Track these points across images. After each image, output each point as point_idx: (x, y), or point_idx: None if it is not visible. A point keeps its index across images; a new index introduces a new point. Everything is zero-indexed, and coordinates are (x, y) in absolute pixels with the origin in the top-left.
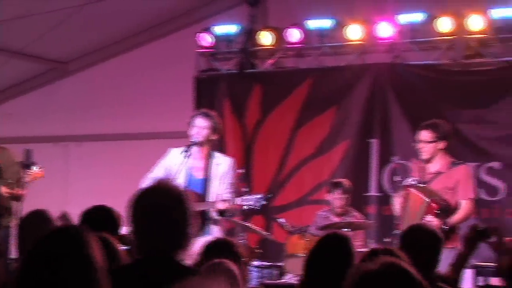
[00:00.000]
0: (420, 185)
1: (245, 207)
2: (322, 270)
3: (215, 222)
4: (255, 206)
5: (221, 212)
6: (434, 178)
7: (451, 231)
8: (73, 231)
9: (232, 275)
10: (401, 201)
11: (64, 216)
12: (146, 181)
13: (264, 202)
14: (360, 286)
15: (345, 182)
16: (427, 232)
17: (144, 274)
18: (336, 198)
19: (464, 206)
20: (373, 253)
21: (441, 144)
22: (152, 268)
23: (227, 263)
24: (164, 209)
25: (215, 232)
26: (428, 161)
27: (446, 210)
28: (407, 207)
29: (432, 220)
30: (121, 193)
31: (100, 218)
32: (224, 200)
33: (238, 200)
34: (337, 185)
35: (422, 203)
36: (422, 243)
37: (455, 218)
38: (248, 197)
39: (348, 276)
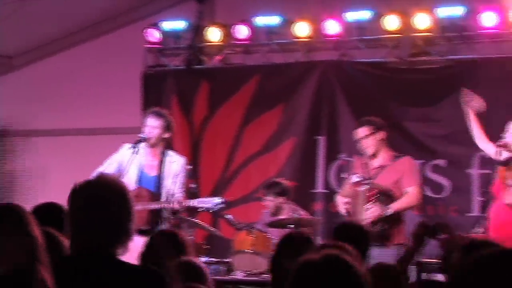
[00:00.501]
0: (366, 181)
1: (200, 210)
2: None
3: (167, 220)
4: (211, 209)
5: (174, 212)
6: (378, 173)
7: (397, 221)
8: (10, 207)
9: (201, 272)
10: (349, 200)
11: None
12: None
13: (222, 206)
14: (303, 276)
15: (283, 183)
16: (355, 228)
17: (81, 269)
18: (269, 200)
19: (410, 192)
20: (322, 248)
21: (381, 134)
22: (88, 263)
23: (195, 260)
24: (105, 202)
25: None
26: (373, 155)
27: (386, 194)
28: (356, 204)
29: (371, 207)
30: (68, 189)
31: (50, 215)
32: (178, 201)
33: (195, 202)
34: (270, 187)
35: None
36: (351, 238)
37: (400, 203)
38: (206, 199)
39: (292, 267)
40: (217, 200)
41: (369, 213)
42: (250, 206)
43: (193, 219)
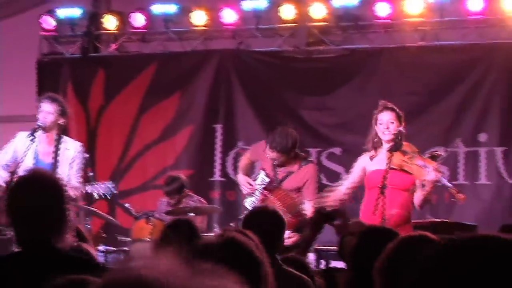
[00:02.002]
0: (274, 185)
1: (95, 195)
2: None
3: None
4: (105, 194)
5: (71, 200)
6: (286, 177)
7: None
8: None
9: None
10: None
11: None
12: None
13: (114, 191)
14: (201, 257)
15: (180, 177)
16: (271, 214)
17: (28, 264)
18: (171, 198)
19: (308, 208)
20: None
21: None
22: (35, 258)
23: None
24: (43, 195)
25: None
26: (281, 165)
27: (304, 225)
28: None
29: (291, 236)
30: None
31: None
32: (74, 187)
33: (88, 188)
34: (169, 185)
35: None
36: (265, 225)
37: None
38: (99, 184)
39: (191, 248)
40: (109, 184)
41: (288, 240)
42: (148, 195)
43: (90, 207)
